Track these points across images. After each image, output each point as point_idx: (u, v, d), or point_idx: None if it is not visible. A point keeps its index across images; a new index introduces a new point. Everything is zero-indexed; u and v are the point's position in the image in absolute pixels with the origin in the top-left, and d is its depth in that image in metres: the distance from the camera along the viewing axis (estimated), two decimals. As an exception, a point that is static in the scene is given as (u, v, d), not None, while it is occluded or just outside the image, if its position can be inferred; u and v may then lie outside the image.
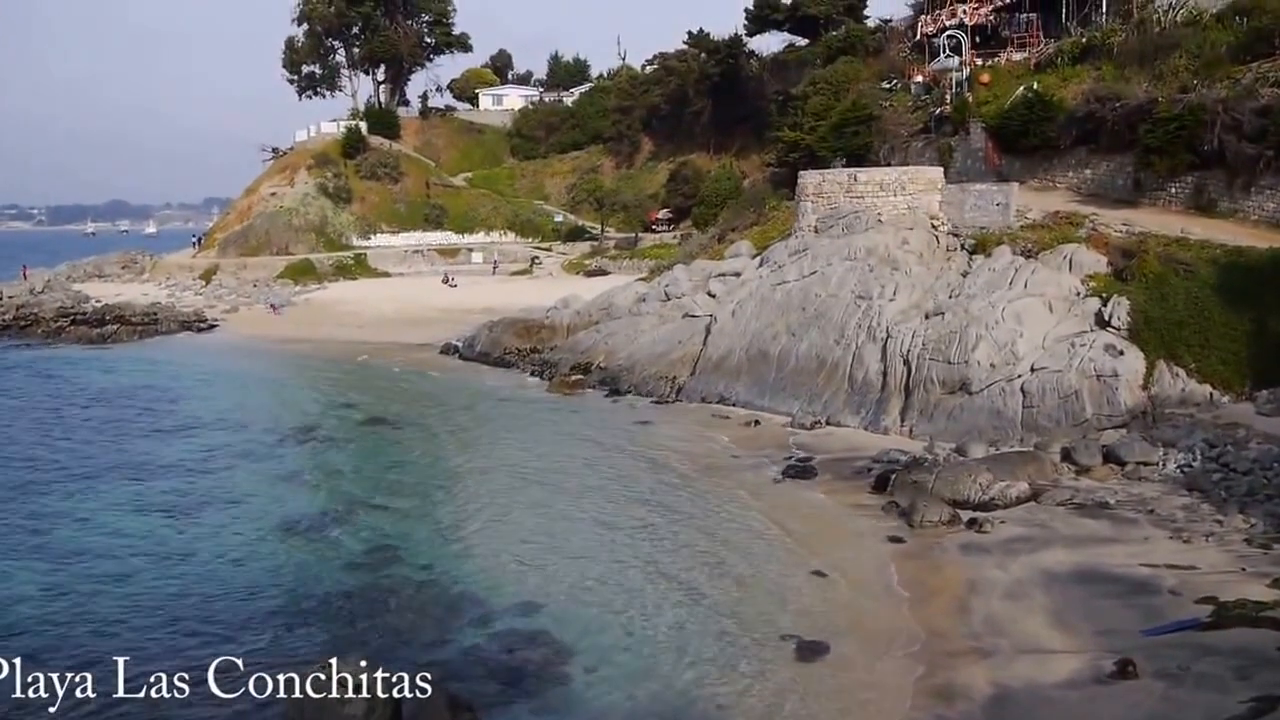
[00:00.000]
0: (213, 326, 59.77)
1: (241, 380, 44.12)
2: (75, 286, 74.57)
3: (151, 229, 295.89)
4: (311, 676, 13.94)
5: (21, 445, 31.96)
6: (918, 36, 54.68)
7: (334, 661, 15.17)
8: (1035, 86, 42.32)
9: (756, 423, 31.40)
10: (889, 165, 43.38)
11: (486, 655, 16.74)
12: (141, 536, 23.17)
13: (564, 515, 23.77)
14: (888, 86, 53.77)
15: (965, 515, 21.75)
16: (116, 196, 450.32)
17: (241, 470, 29.02)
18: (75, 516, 24.63)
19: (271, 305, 64.30)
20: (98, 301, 64.62)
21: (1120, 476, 23.39)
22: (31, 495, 26.44)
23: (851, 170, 39.83)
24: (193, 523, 24.15)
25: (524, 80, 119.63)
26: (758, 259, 40.51)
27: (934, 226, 36.13)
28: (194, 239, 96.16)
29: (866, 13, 73.34)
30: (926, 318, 31.06)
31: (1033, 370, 27.78)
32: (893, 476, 24.12)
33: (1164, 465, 23.40)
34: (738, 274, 40.15)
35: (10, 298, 65.20)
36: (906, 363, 29.94)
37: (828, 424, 30.34)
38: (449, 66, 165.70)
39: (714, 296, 39.63)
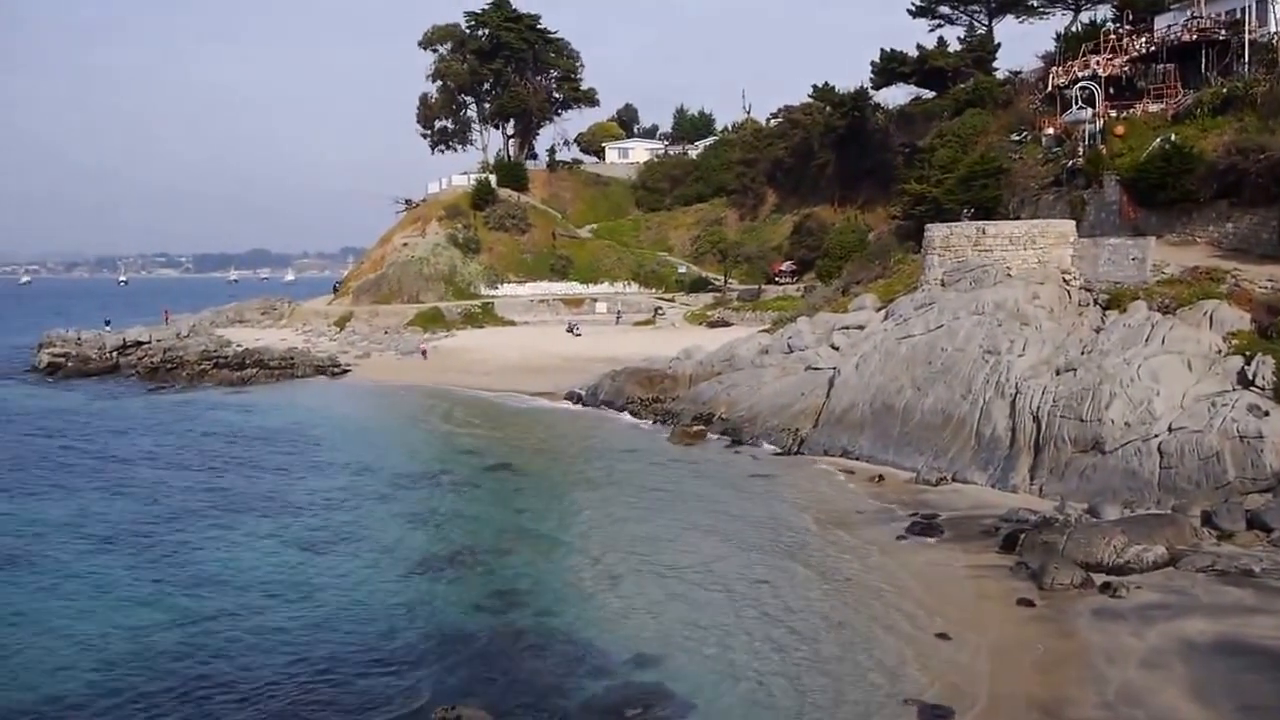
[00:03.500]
0: (345, 371, 61.87)
1: (372, 424, 45.57)
2: (218, 331, 78.37)
3: (290, 277, 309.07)
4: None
5: (171, 482, 33.56)
6: (1049, 88, 53.73)
7: (459, 709, 15.58)
8: (1173, 138, 41.13)
9: (880, 477, 30.97)
10: (1018, 219, 42.62)
11: (604, 706, 16.77)
12: (275, 571, 24.08)
13: (683, 567, 23.73)
14: (1017, 139, 52.95)
15: (1098, 579, 20.98)
16: (258, 245, 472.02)
17: (370, 510, 29.94)
18: (216, 549, 25.75)
19: (421, 350, 66.16)
20: (238, 346, 67.69)
21: (1266, 543, 22.31)
22: (178, 527, 27.80)
23: (980, 223, 39.29)
24: (324, 559, 24.98)
25: (649, 134, 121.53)
26: (882, 312, 40.15)
27: (1066, 281, 35.30)
28: (335, 286, 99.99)
29: (995, 65, 72.61)
30: (1057, 374, 30.30)
31: (1170, 430, 26.78)
32: (1022, 536, 23.43)
33: (1315, 533, 22.26)
34: (862, 327, 39.86)
35: (158, 341, 68.79)
36: (1036, 419, 29.20)
37: (953, 480, 29.73)
38: (576, 120, 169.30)
39: (837, 349, 39.39)
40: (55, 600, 22.17)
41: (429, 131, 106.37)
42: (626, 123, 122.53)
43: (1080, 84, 48.87)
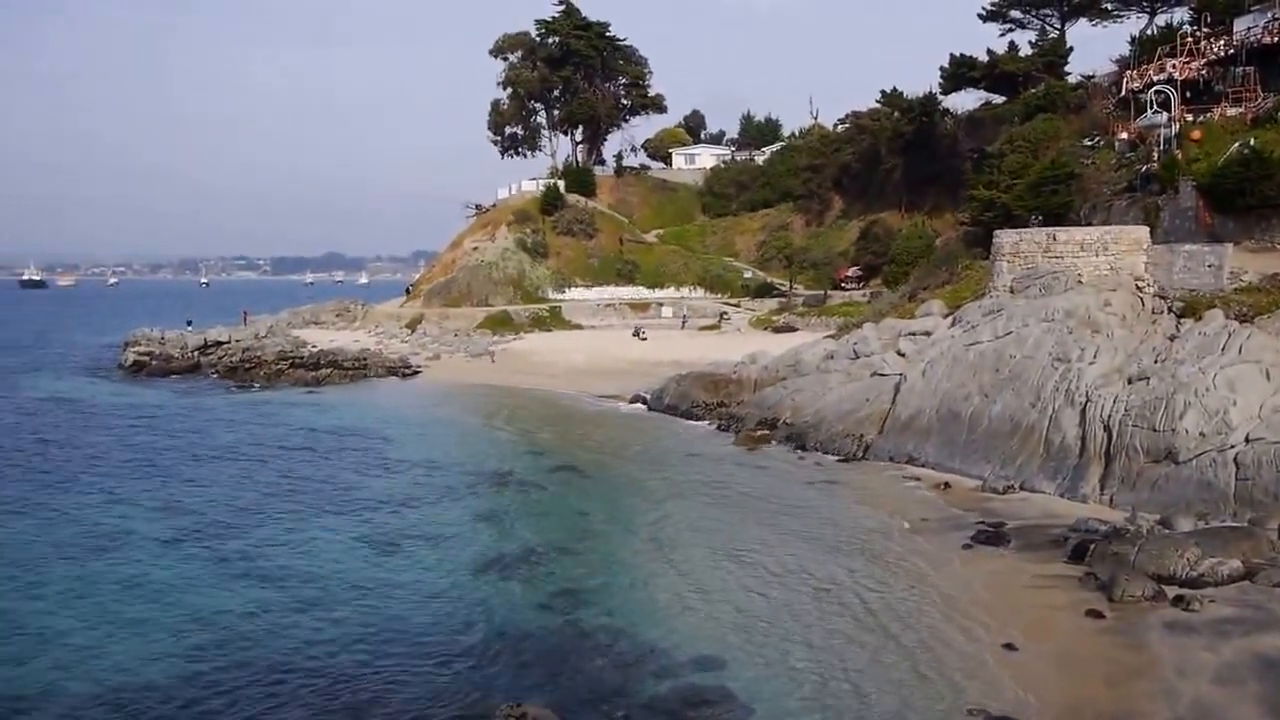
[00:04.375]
0: (416, 372, 62.90)
1: (441, 424, 46.30)
2: (294, 332, 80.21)
3: (363, 280, 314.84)
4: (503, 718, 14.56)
5: (249, 478, 34.53)
6: (1122, 92, 52.89)
7: (524, 707, 15.89)
8: (1252, 143, 40.28)
9: (946, 485, 30.78)
10: (1090, 225, 42.02)
11: (666, 706, 16.93)
12: (348, 566, 24.66)
13: (746, 571, 23.84)
14: (1089, 144, 52.18)
15: (1171, 592, 20.65)
16: (333, 249, 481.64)
17: (440, 508, 30.52)
18: (292, 544, 26.47)
19: (490, 352, 66.95)
20: (313, 347, 69.20)
21: (1347, 558, 21.80)
22: (256, 522, 28.63)
23: (1050, 229, 38.81)
24: (394, 556, 25.52)
25: (716, 139, 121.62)
26: (950, 318, 39.85)
27: (1139, 288, 34.75)
28: (407, 289, 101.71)
29: (1068, 69, 71.44)
30: (1130, 382, 29.85)
31: (1248, 441, 26.23)
32: (1091, 547, 23.15)
33: (1397, 548, 21.71)
34: (928, 333, 39.59)
35: (237, 341, 70.61)
36: (1107, 429, 28.80)
37: (1021, 489, 29.44)
38: (644, 127, 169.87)
39: (904, 355, 39.18)
40: (140, 590, 22.95)
41: (499, 138, 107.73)
42: (694, 129, 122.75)
43: (1155, 88, 48.01)
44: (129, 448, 39.85)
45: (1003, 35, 77.53)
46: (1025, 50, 74.32)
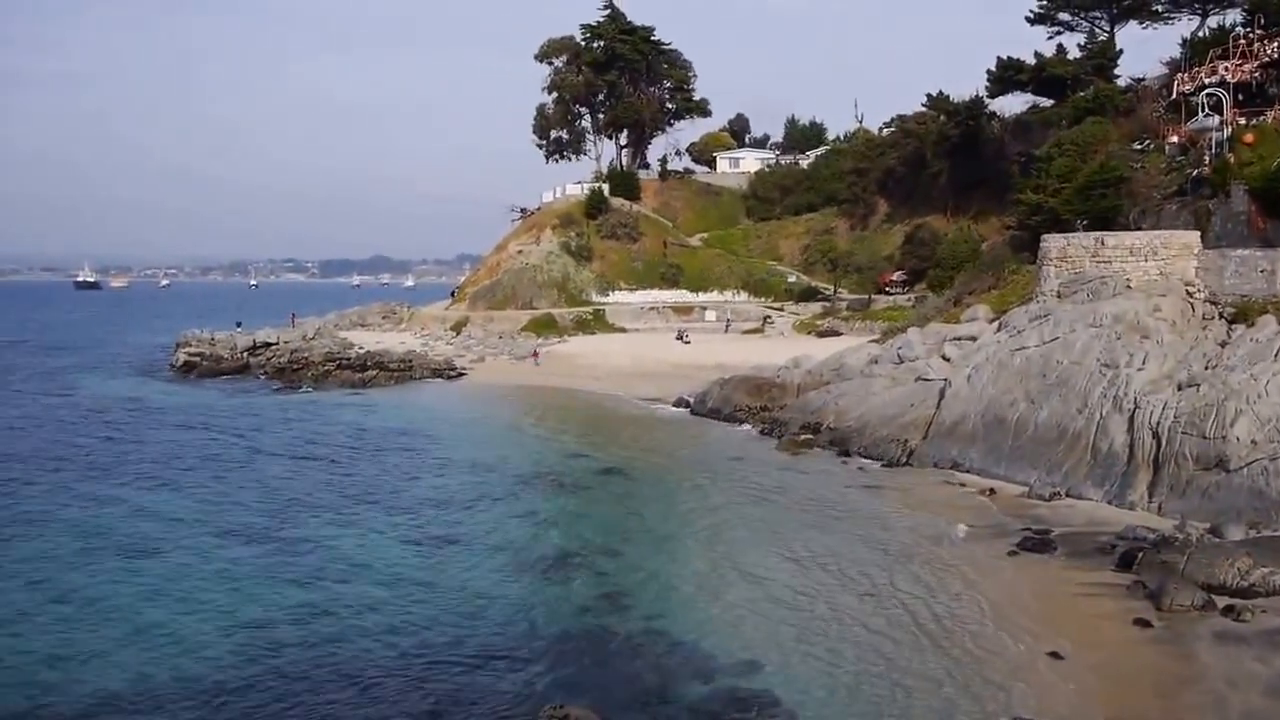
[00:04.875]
0: (461, 375, 63.40)
1: (486, 426, 46.69)
2: (341, 334, 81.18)
3: (409, 282, 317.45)
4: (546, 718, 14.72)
5: (297, 477, 35.06)
6: (1173, 95, 52.14)
7: (567, 708, 16.05)
8: (1308, 146, 39.60)
9: (991, 491, 30.59)
10: (1139, 229, 41.52)
11: (710, 710, 17.02)
12: (393, 565, 24.99)
13: (789, 576, 23.86)
14: (1139, 147, 51.49)
15: (1220, 601, 20.45)
16: (379, 252, 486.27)
17: (484, 509, 30.81)
18: (338, 543, 26.84)
19: (534, 354, 67.51)
20: (360, 348, 70.00)
21: (1402, 570, 21.42)
22: (303, 520, 29.08)
23: (1099, 234, 38.42)
24: (439, 556, 25.83)
25: (760, 143, 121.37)
26: (996, 323, 39.57)
27: (1189, 293, 34.32)
28: (452, 292, 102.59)
29: (1117, 72, 70.50)
30: (1179, 389, 29.50)
31: (1301, 449, 25.88)
32: (1139, 555, 22.96)
33: None
34: (974, 338, 39.35)
35: (285, 342, 71.59)
36: (1156, 435, 28.50)
37: (1067, 496, 29.20)
38: (688, 131, 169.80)
39: (949, 360, 38.97)
40: (189, 585, 23.42)
41: (544, 142, 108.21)
42: (738, 133, 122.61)
43: (1207, 90, 47.34)
44: (181, 446, 40.57)
45: (1051, 38, 76.67)
46: (1074, 53, 73.44)
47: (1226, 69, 48.43)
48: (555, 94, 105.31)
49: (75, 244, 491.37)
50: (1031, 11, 75.82)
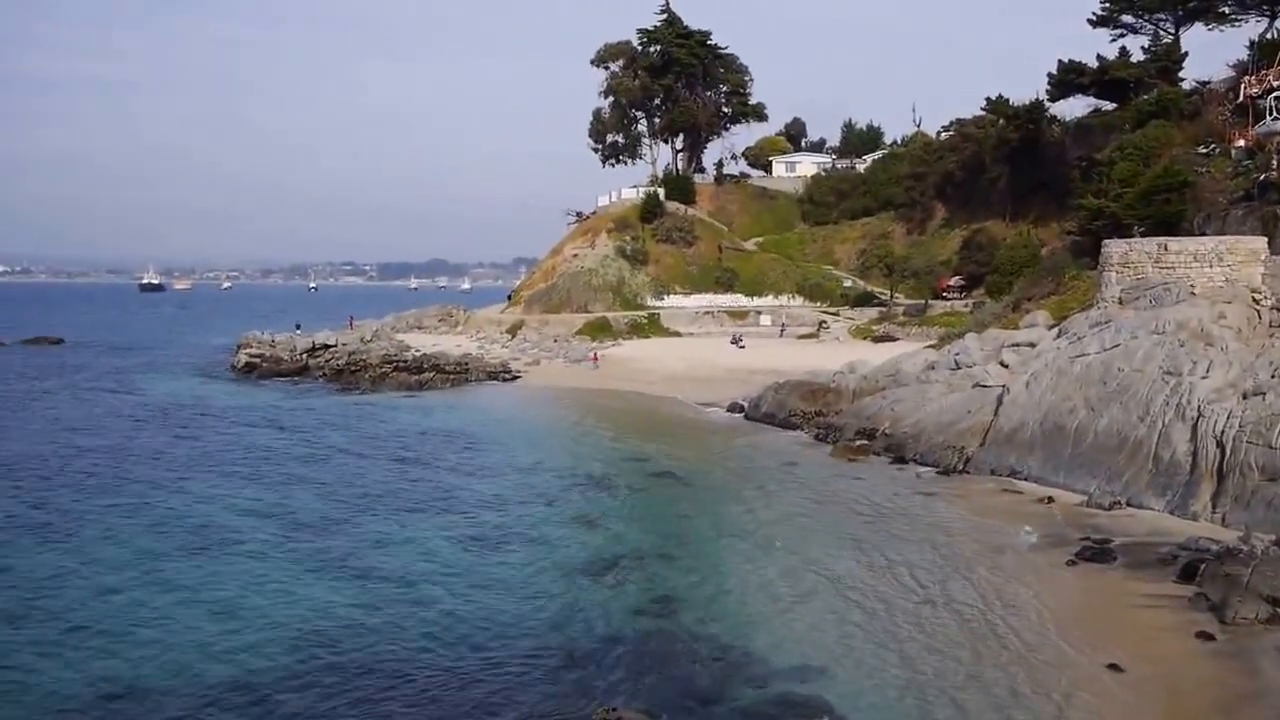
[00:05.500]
0: (516, 377, 63.87)
1: (540, 428, 47.04)
2: (398, 336, 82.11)
3: (466, 285, 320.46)
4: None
5: (353, 477, 35.55)
6: (1240, 98, 51.19)
7: (620, 711, 16.14)
8: (1381, 150, 38.69)
9: (1049, 499, 30.21)
10: (1203, 235, 40.79)
11: (762, 715, 16.98)
12: (447, 566, 25.24)
13: (843, 583, 23.74)
14: (1204, 151, 50.62)
15: (1286, 614, 20.06)
16: (437, 255, 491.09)
17: (539, 511, 31.04)
18: (393, 544, 27.16)
19: (594, 357, 67.94)
20: (417, 351, 70.73)
21: None
22: (358, 521, 29.48)
23: (1162, 239, 37.82)
24: (493, 557, 26.04)
25: (817, 147, 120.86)
26: (1055, 330, 39.09)
27: (1255, 300, 33.66)
28: (508, 295, 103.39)
29: (1182, 75, 69.27)
30: (1245, 397, 28.91)
31: (1371, 461, 25.27)
32: (1202, 566, 22.51)
33: None
34: (1033, 344, 38.88)
35: (344, 344, 72.60)
36: (1220, 445, 27.95)
37: (1128, 505, 28.75)
38: (744, 135, 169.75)
39: (1007, 367, 38.54)
40: (246, 583, 23.82)
41: (600, 146, 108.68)
42: (794, 136, 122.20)
43: (1276, 93, 46.38)
44: (237, 446, 41.35)
45: (1114, 41, 75.60)
46: (1137, 56, 72.37)
47: (1296, 71, 47.47)
48: (612, 98, 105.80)
49: (140, 247, 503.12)
50: (1094, 14, 74.88)
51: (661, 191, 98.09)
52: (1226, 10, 70.73)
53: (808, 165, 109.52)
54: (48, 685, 18.27)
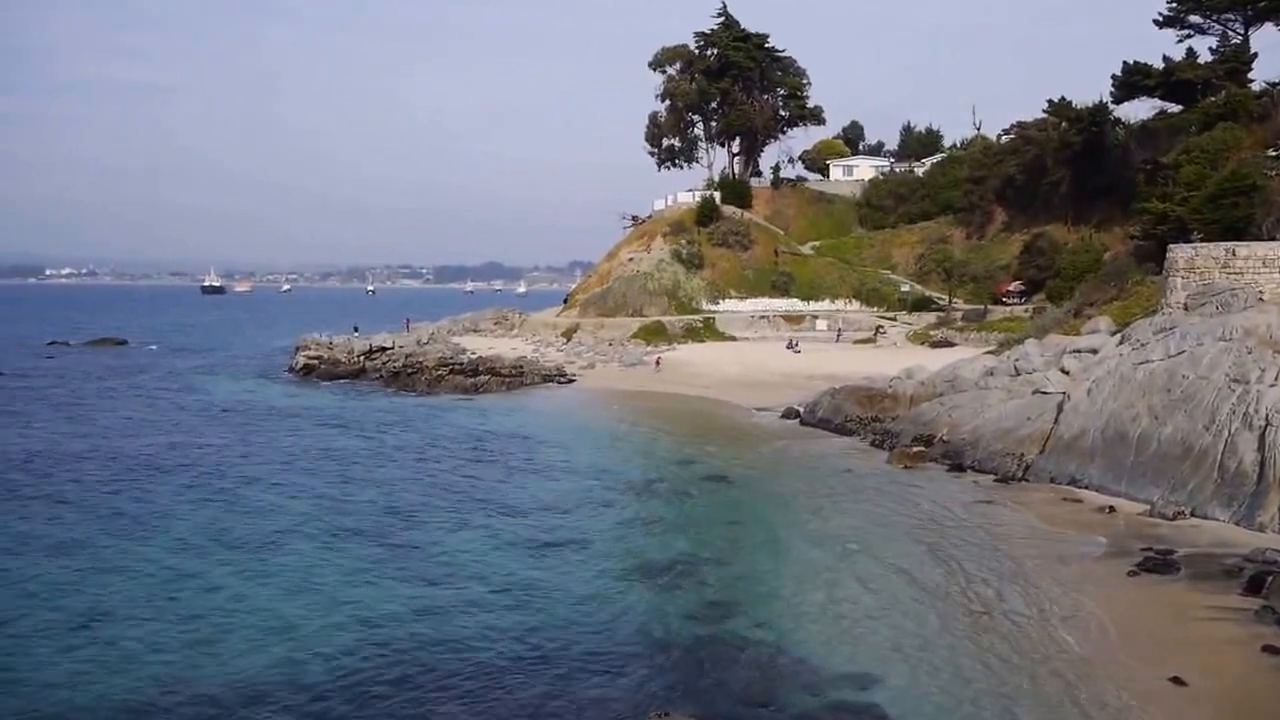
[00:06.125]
0: (571, 381, 64.16)
1: (595, 431, 47.19)
2: (454, 339, 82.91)
3: (521, 289, 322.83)
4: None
5: (410, 479, 35.99)
6: (1314, 99, 50.03)
7: (673, 715, 16.15)
8: None
9: (1111, 509, 29.70)
10: (1272, 240, 39.88)
11: (816, 723, 16.93)
12: (501, 568, 25.43)
13: (900, 589, 23.59)
14: (1274, 154, 49.52)
15: (1357, 630, 19.54)
16: (492, 259, 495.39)
17: (593, 514, 31.18)
18: (448, 545, 27.46)
19: (655, 361, 68.03)
20: (472, 354, 71.39)
21: None
22: (414, 522, 29.85)
23: (1230, 244, 37.07)
24: (547, 560, 26.21)
25: (875, 151, 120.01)
26: (1118, 336, 38.44)
27: (1327, 307, 32.83)
28: (564, 298, 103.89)
29: (1251, 76, 67.77)
30: (1315, 407, 28.22)
31: None
32: (1269, 579, 22.02)
33: None
34: (1095, 351, 38.26)
35: (400, 347, 73.47)
36: (1289, 455, 27.31)
37: (1192, 515, 28.17)
38: (801, 138, 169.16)
39: (1068, 373, 37.96)
40: (306, 581, 24.23)
41: (656, 149, 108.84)
42: (852, 140, 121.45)
43: (1351, 95, 45.27)
44: (302, 447, 42.04)
45: (1180, 41, 74.18)
46: (1205, 57, 70.97)
47: (1371, 72, 46.23)
48: (668, 101, 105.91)
49: (202, 251, 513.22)
50: (1160, 14, 73.54)
51: (718, 195, 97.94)
52: (1298, 10, 69.13)
53: (866, 168, 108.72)
54: (105, 674, 18.76)
